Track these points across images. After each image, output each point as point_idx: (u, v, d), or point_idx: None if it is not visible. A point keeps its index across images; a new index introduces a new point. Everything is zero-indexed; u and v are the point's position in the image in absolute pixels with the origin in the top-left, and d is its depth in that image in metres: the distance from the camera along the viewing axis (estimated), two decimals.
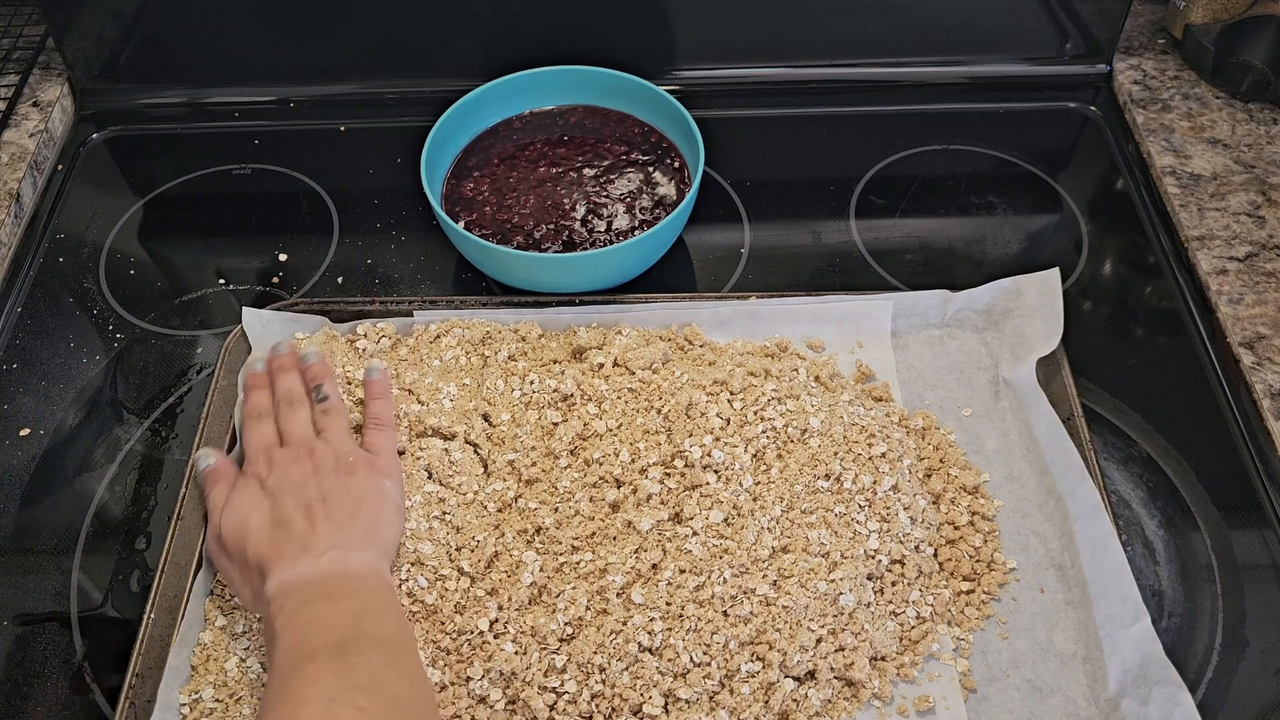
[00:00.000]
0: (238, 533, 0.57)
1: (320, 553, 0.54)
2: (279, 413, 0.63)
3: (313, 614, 0.52)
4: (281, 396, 0.64)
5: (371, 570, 0.55)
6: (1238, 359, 0.70)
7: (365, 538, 0.56)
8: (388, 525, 0.58)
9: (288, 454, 0.60)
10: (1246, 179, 0.81)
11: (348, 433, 0.62)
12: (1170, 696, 0.53)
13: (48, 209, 0.85)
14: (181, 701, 0.56)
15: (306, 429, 0.62)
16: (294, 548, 0.55)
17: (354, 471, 0.59)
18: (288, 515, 0.56)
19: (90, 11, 0.87)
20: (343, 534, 0.56)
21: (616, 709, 0.54)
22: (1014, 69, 0.92)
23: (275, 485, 0.58)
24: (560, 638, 0.56)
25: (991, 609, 0.60)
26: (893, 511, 0.61)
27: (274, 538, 0.56)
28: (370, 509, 0.58)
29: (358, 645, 0.50)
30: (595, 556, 0.60)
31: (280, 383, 0.64)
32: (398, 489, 0.61)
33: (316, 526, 0.56)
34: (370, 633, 0.51)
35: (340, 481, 0.58)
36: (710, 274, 0.78)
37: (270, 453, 0.61)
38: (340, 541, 0.55)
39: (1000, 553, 0.62)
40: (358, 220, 0.83)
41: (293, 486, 0.58)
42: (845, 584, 0.58)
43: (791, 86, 0.92)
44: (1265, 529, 0.64)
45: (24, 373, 0.74)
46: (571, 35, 0.87)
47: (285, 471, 0.59)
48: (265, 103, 0.92)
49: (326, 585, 0.53)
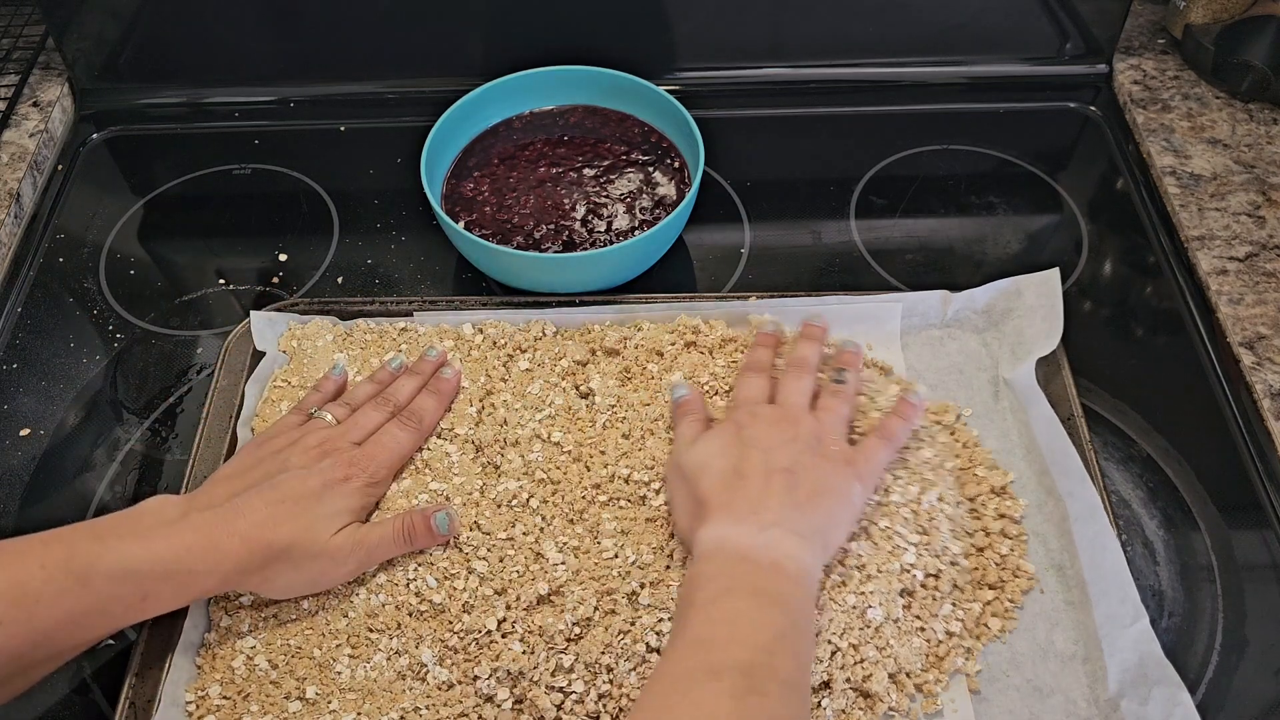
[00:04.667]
0: (698, 469, 0.57)
1: (765, 524, 0.53)
2: (784, 376, 0.62)
3: (734, 611, 0.50)
4: (793, 360, 0.63)
5: (806, 576, 0.53)
6: (1238, 359, 0.70)
7: (814, 529, 0.54)
8: (838, 527, 0.56)
9: (773, 413, 0.59)
10: (1246, 179, 0.81)
11: (844, 422, 0.60)
12: (1170, 696, 0.53)
13: (48, 209, 0.85)
14: (188, 699, 0.56)
15: (803, 398, 0.60)
16: (743, 505, 0.54)
17: (830, 460, 0.57)
18: (748, 471, 0.55)
19: (90, 11, 0.87)
20: (794, 514, 0.54)
21: (624, 709, 0.54)
22: (1014, 69, 0.92)
23: (749, 439, 0.57)
24: (568, 637, 0.56)
25: (1016, 616, 0.58)
26: (935, 524, 0.60)
27: (728, 485, 0.55)
28: (829, 503, 0.55)
29: (764, 682, 0.47)
30: (617, 556, 0.60)
31: (800, 348, 0.64)
32: (862, 500, 0.58)
33: (771, 494, 0.54)
34: (779, 670, 0.48)
35: (812, 462, 0.56)
36: (710, 274, 0.78)
37: (756, 408, 0.60)
38: (788, 521, 0.53)
39: (1025, 559, 0.60)
40: (358, 220, 0.83)
41: (765, 446, 0.57)
42: (875, 598, 0.56)
43: (791, 86, 0.92)
44: (1265, 529, 0.64)
45: (24, 373, 0.74)
46: (571, 35, 0.87)
47: (763, 429, 0.58)
48: (265, 103, 0.92)
49: (758, 575, 0.51)
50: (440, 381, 0.66)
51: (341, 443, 0.61)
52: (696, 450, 0.58)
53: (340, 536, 0.57)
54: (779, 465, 0.56)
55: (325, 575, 0.57)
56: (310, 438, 0.61)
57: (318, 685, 0.56)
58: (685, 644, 0.49)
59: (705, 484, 0.56)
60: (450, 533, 0.59)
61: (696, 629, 0.50)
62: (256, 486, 0.57)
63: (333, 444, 0.60)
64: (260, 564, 0.54)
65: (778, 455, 0.56)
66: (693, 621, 0.50)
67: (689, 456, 0.58)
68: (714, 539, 0.53)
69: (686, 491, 0.57)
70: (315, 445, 0.60)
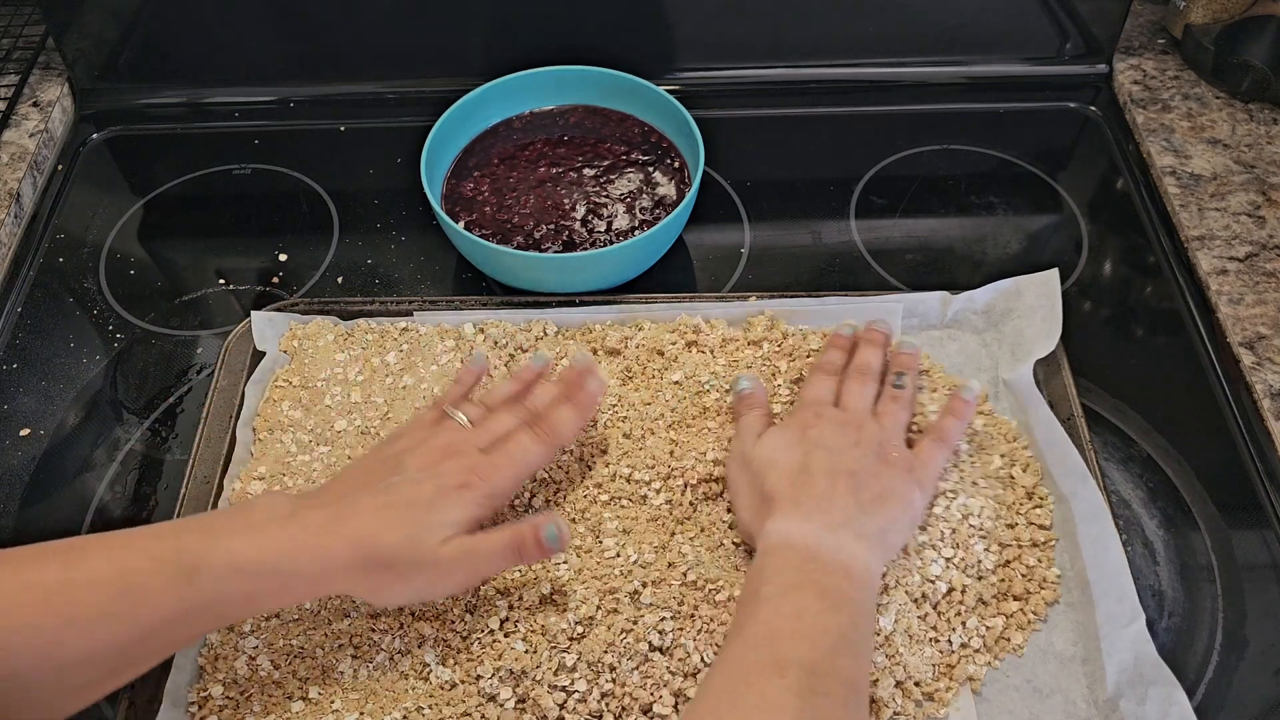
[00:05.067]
0: (765, 464, 0.58)
1: (834, 524, 0.54)
2: (847, 378, 0.63)
3: (801, 608, 0.50)
4: (856, 365, 0.64)
5: (871, 579, 0.54)
6: (1238, 359, 0.70)
7: (878, 532, 0.55)
8: (898, 532, 0.57)
9: (838, 416, 0.60)
10: (1246, 179, 0.81)
11: (903, 428, 0.61)
12: (1166, 696, 0.53)
13: (48, 209, 0.85)
14: (190, 700, 0.56)
15: (866, 403, 0.61)
16: (811, 503, 0.55)
17: (892, 465, 0.58)
18: (815, 470, 0.56)
19: (90, 11, 0.86)
20: (859, 517, 0.55)
21: (627, 708, 0.54)
22: (1014, 69, 0.92)
23: (815, 439, 0.58)
24: (570, 636, 0.56)
25: (1040, 629, 0.58)
26: (970, 540, 0.59)
27: (795, 482, 0.56)
28: (891, 508, 0.56)
29: (827, 681, 0.48)
30: (619, 555, 0.60)
31: (862, 353, 0.64)
32: (922, 505, 0.59)
33: (837, 495, 0.55)
34: (843, 671, 0.49)
35: (876, 467, 0.57)
36: (710, 274, 0.78)
37: (822, 409, 0.61)
38: (854, 523, 0.54)
39: (1053, 568, 0.60)
40: (358, 220, 0.83)
41: (830, 449, 0.58)
42: (891, 608, 0.56)
43: (791, 86, 0.92)
44: (1265, 529, 0.64)
45: (24, 373, 0.74)
46: (571, 35, 0.87)
47: (829, 431, 0.59)
48: (265, 103, 0.92)
49: (825, 574, 0.52)
50: (583, 394, 0.62)
51: (468, 447, 0.57)
52: (764, 445, 0.59)
53: (449, 547, 0.53)
54: (844, 468, 0.57)
55: (432, 586, 0.54)
56: (437, 440, 0.58)
57: (320, 685, 0.56)
58: (751, 637, 0.50)
59: (772, 479, 0.57)
60: (561, 546, 0.55)
61: (763, 622, 0.50)
62: (370, 489, 0.54)
63: (458, 448, 0.57)
64: (365, 570, 0.52)
65: (843, 458, 0.57)
66: (759, 615, 0.50)
67: (756, 450, 0.59)
68: (782, 533, 0.54)
69: (751, 485, 0.58)
70: (440, 448, 0.57)
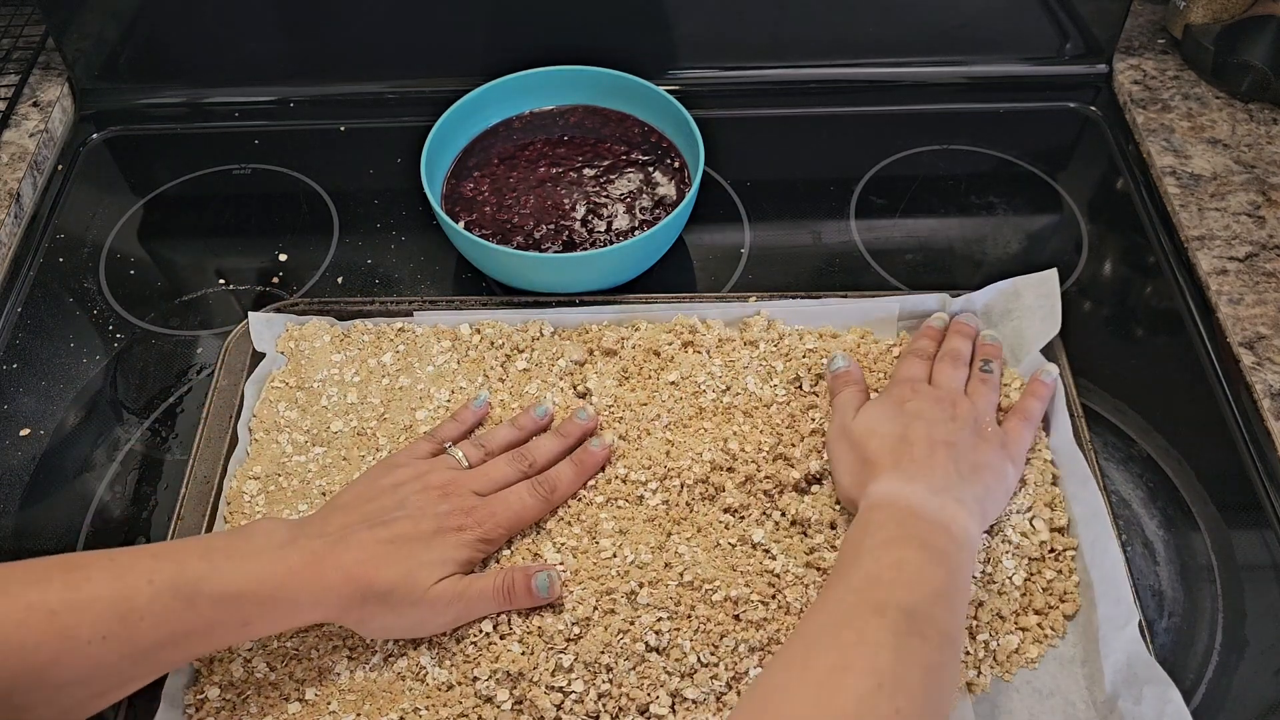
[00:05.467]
0: (866, 433, 0.59)
1: (936, 489, 0.55)
2: (940, 363, 0.65)
3: (902, 558, 0.52)
4: (948, 351, 0.66)
5: (971, 542, 0.55)
6: (1238, 359, 0.70)
7: (976, 500, 0.56)
8: (995, 502, 0.59)
9: (934, 393, 0.62)
10: (1246, 179, 0.81)
11: (994, 407, 0.63)
12: (1160, 695, 0.53)
13: (48, 209, 0.85)
14: (187, 702, 0.56)
15: (959, 384, 0.63)
16: (913, 467, 0.56)
17: (986, 439, 0.60)
18: (914, 439, 0.58)
19: (90, 11, 0.87)
20: (959, 484, 0.56)
21: (623, 708, 0.54)
22: (1014, 69, 0.92)
23: (913, 410, 0.60)
24: (567, 637, 0.56)
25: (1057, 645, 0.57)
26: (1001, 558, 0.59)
27: (896, 448, 0.58)
28: (988, 478, 0.58)
29: (925, 627, 0.49)
30: (615, 556, 0.60)
31: (951, 340, 0.66)
32: (1015, 480, 0.60)
33: (937, 462, 0.56)
34: (939, 620, 0.50)
35: (971, 440, 0.59)
36: (710, 274, 0.78)
37: (918, 385, 0.62)
38: (955, 489, 0.55)
39: (1073, 577, 0.59)
40: (358, 220, 0.83)
41: (928, 420, 0.59)
42: None
43: (791, 86, 0.92)
44: (1265, 529, 0.64)
45: (24, 373, 0.74)
46: (571, 35, 0.87)
47: (925, 404, 0.60)
48: (265, 103, 0.92)
49: (927, 530, 0.53)
50: (586, 454, 0.63)
51: (464, 490, 0.59)
52: (863, 417, 0.61)
53: (441, 586, 0.55)
54: (942, 438, 0.58)
55: (423, 624, 0.55)
56: (435, 476, 0.59)
57: (316, 687, 0.56)
58: (852, 580, 0.51)
59: (874, 446, 0.58)
60: (550, 596, 0.57)
61: (863, 570, 0.51)
62: (369, 522, 0.55)
63: (455, 488, 0.59)
64: (359, 602, 0.53)
65: (940, 429, 0.59)
66: (861, 563, 0.52)
67: (856, 422, 0.61)
68: (886, 492, 0.55)
69: (853, 454, 0.59)
70: (438, 486, 0.58)
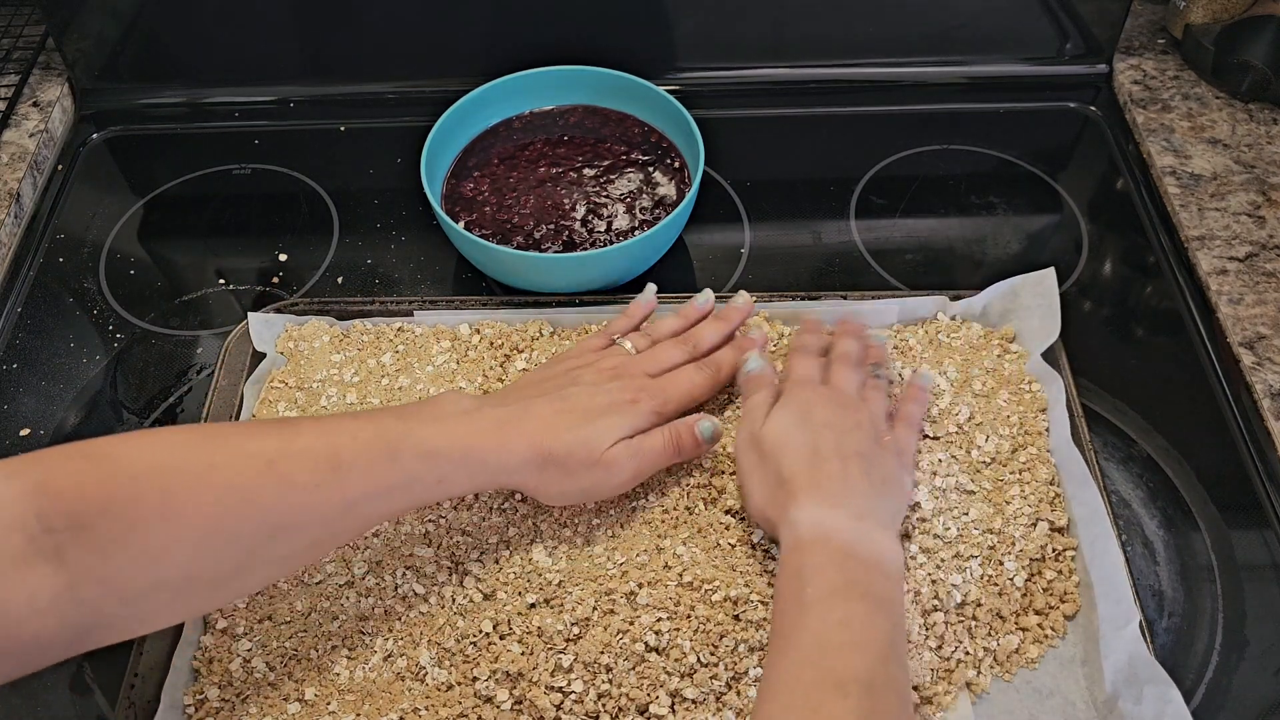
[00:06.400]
0: (778, 445, 0.57)
1: (859, 513, 0.54)
2: (834, 362, 0.63)
3: (848, 614, 0.50)
4: (841, 352, 0.64)
5: (900, 572, 0.54)
6: (1238, 359, 0.70)
7: (891, 519, 0.56)
8: (901, 512, 0.58)
9: (836, 397, 0.60)
10: (1246, 179, 0.81)
11: (885, 414, 0.62)
12: (1160, 695, 0.53)
13: (48, 209, 0.85)
14: (186, 702, 0.56)
15: (855, 389, 0.62)
16: (831, 485, 0.55)
17: (886, 449, 0.59)
18: (826, 452, 0.56)
19: (90, 11, 0.87)
20: (877, 503, 0.55)
21: (623, 708, 0.54)
22: (1014, 69, 0.92)
23: (822, 420, 0.58)
24: (567, 638, 0.56)
25: (1058, 645, 0.57)
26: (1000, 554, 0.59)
27: (811, 463, 0.56)
28: (893, 491, 0.57)
29: (886, 696, 0.47)
30: (609, 560, 0.60)
31: (844, 341, 0.65)
32: (910, 486, 0.60)
33: (852, 479, 0.55)
34: (895, 681, 0.49)
35: (876, 450, 0.58)
36: (710, 274, 0.78)
37: (818, 388, 0.61)
38: (875, 511, 0.54)
39: (1074, 580, 0.59)
40: (358, 220, 0.83)
41: (837, 430, 0.57)
42: None
43: (791, 86, 0.92)
44: (1265, 529, 0.64)
45: (24, 373, 0.74)
46: (571, 35, 0.87)
47: (831, 412, 0.58)
48: (265, 103, 0.92)
49: (864, 575, 0.52)
50: (746, 340, 0.66)
51: (635, 370, 0.62)
52: (772, 426, 0.58)
53: (616, 448, 0.57)
54: (852, 449, 0.57)
55: (599, 485, 0.58)
56: (607, 360, 0.63)
57: (316, 687, 0.56)
58: (801, 649, 0.49)
59: (788, 462, 0.56)
60: (714, 440, 0.61)
61: (811, 632, 0.49)
62: (547, 396, 0.59)
63: (626, 370, 0.62)
64: (539, 466, 0.56)
65: (849, 440, 0.57)
66: (807, 624, 0.50)
67: (769, 430, 0.58)
68: (811, 523, 0.53)
69: (764, 466, 0.58)
70: (609, 367, 0.62)
